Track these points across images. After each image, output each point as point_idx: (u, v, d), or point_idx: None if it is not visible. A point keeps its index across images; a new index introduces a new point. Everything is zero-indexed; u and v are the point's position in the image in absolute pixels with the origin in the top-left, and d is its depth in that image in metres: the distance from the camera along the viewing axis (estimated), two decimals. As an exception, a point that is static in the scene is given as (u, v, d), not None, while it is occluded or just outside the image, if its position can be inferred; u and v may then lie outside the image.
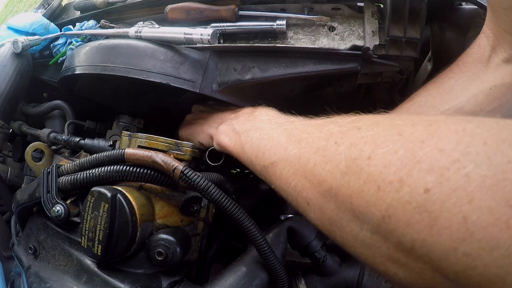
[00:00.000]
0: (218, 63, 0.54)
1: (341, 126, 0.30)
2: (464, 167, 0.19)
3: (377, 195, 0.22)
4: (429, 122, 0.23)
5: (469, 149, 0.19)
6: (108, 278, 0.42)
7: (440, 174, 0.19)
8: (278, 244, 0.48)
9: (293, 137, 0.35)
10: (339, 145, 0.28)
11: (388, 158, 0.23)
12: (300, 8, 0.55)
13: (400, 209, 0.21)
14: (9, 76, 0.61)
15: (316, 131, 0.33)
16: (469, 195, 0.18)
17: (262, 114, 0.48)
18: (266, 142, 0.39)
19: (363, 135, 0.26)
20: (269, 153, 0.38)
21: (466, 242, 0.18)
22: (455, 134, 0.21)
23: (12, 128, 0.68)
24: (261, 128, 0.43)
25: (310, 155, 0.31)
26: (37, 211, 0.52)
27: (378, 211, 0.22)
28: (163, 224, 0.47)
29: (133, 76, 0.51)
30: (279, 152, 0.36)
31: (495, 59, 0.46)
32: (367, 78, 0.58)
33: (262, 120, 0.46)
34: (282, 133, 0.38)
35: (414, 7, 0.47)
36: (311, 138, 0.32)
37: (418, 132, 0.22)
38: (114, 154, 0.45)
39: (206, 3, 0.57)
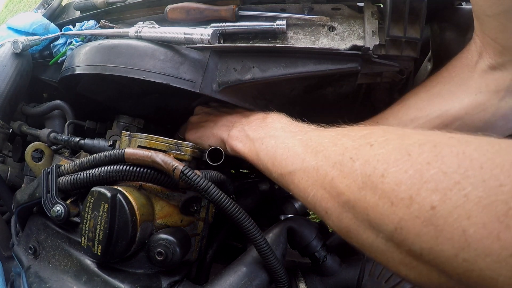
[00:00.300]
0: (218, 63, 0.54)
1: (354, 141, 0.33)
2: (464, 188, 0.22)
3: (391, 209, 0.26)
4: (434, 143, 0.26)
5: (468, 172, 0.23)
6: (108, 278, 0.42)
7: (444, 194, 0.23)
8: (278, 244, 0.48)
9: (309, 148, 0.38)
10: (354, 161, 0.31)
11: (399, 177, 0.26)
12: (300, 8, 0.55)
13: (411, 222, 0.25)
14: (9, 76, 0.61)
15: (331, 144, 0.36)
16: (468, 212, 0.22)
17: (275, 122, 0.49)
18: (282, 151, 0.41)
19: (376, 153, 0.29)
20: (286, 162, 0.40)
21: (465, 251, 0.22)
22: (456, 157, 0.24)
23: (12, 128, 0.68)
24: (276, 136, 0.45)
25: (327, 168, 0.34)
26: (37, 211, 0.52)
27: (391, 223, 0.26)
28: (163, 224, 0.47)
29: (133, 76, 0.51)
30: (296, 162, 0.39)
31: (481, 65, 0.48)
32: (367, 78, 0.58)
33: (275, 128, 0.47)
34: (298, 143, 0.40)
35: (414, 7, 0.47)
36: (327, 151, 0.35)
37: (425, 154, 0.26)
38: (114, 154, 0.45)
39: (206, 3, 0.57)
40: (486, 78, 0.48)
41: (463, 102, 0.49)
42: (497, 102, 0.47)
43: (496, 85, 0.47)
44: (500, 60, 0.46)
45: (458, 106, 0.49)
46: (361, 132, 0.34)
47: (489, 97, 0.48)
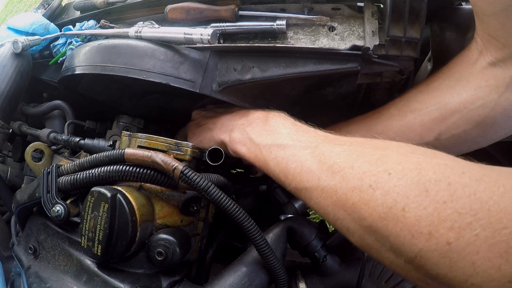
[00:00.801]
0: (218, 63, 0.54)
1: (371, 165, 0.35)
2: (475, 229, 0.27)
3: (411, 240, 0.30)
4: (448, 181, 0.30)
5: (479, 215, 0.27)
6: (108, 278, 0.42)
7: (459, 233, 0.27)
8: (278, 244, 0.48)
9: (324, 165, 0.39)
10: (375, 190, 0.33)
11: (419, 213, 0.30)
12: (300, 8, 0.55)
13: (429, 253, 0.29)
14: (9, 76, 0.61)
15: (347, 166, 0.37)
16: (477, 249, 0.26)
17: (279, 126, 0.48)
18: (295, 165, 0.42)
19: (395, 184, 0.32)
20: (300, 177, 0.41)
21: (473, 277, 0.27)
22: (469, 198, 0.28)
23: (12, 128, 0.68)
24: (284, 146, 0.45)
25: (347, 192, 0.36)
26: (37, 211, 0.52)
27: (412, 251, 0.30)
28: (163, 224, 0.47)
29: (133, 76, 0.51)
30: (312, 180, 0.40)
31: (482, 62, 0.49)
32: (367, 78, 0.58)
33: (281, 135, 0.46)
34: (310, 158, 0.41)
35: (414, 7, 0.47)
36: (344, 173, 0.37)
37: (441, 192, 0.30)
38: (114, 154, 0.45)
39: (206, 3, 0.57)
40: (486, 74, 0.48)
41: (462, 96, 0.50)
42: (496, 97, 0.48)
43: (496, 81, 0.48)
44: (500, 56, 0.47)
45: (457, 100, 0.50)
46: (376, 153, 0.36)
47: (488, 92, 0.48)
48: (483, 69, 0.48)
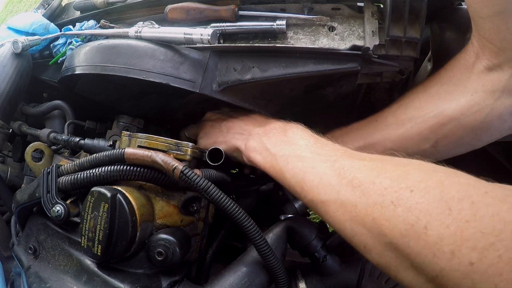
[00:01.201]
0: (218, 63, 0.54)
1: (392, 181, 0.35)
2: (498, 249, 0.26)
3: (433, 259, 0.29)
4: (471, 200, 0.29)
5: (502, 235, 0.26)
6: (108, 278, 0.42)
7: (481, 253, 0.27)
8: (278, 244, 0.48)
9: (343, 180, 0.38)
10: (396, 207, 0.33)
11: (442, 231, 0.29)
12: (300, 8, 0.55)
13: (451, 273, 0.28)
14: (9, 76, 0.61)
15: (368, 181, 0.36)
16: (499, 270, 0.26)
17: (297, 137, 0.48)
18: (313, 177, 0.41)
19: (417, 201, 0.32)
20: (318, 190, 0.40)
21: None
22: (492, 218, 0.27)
23: (12, 128, 0.68)
24: (303, 158, 0.44)
25: (367, 207, 0.35)
26: (37, 211, 0.52)
27: (433, 271, 0.29)
28: (163, 224, 0.47)
29: (132, 76, 0.51)
30: (330, 193, 0.39)
31: (478, 67, 0.48)
32: (367, 78, 0.58)
33: (300, 146, 0.46)
34: (330, 171, 0.40)
35: (414, 7, 0.47)
36: (365, 188, 0.36)
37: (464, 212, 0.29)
38: (114, 154, 0.45)
39: (206, 3, 0.57)
40: (483, 79, 0.48)
41: (459, 102, 0.49)
42: (492, 102, 0.48)
43: (492, 85, 0.47)
44: (496, 61, 0.46)
45: (454, 106, 0.50)
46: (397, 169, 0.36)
47: (484, 97, 0.48)
48: (480, 73, 0.48)
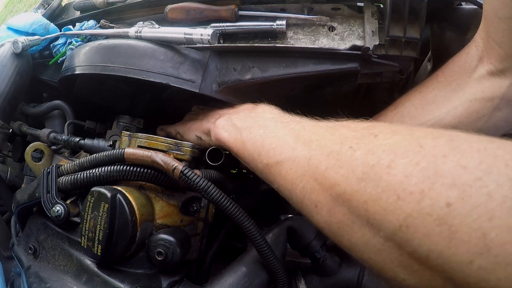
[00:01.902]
0: (218, 63, 0.54)
1: (356, 131, 0.30)
2: (486, 185, 0.20)
3: (396, 204, 0.23)
4: (450, 137, 0.24)
5: (492, 169, 0.20)
6: (108, 278, 0.42)
7: (463, 191, 0.21)
8: (278, 244, 0.48)
9: (301, 138, 0.35)
10: (355, 150, 0.28)
11: (409, 169, 0.23)
12: (300, 8, 0.55)
13: (420, 220, 0.22)
14: (9, 76, 0.61)
15: (327, 133, 0.32)
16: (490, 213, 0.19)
17: (265, 112, 0.47)
18: (271, 140, 0.38)
19: (381, 143, 0.26)
20: (274, 151, 0.37)
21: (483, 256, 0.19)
22: (477, 152, 0.22)
23: (12, 128, 0.68)
24: (265, 126, 0.41)
25: (322, 157, 0.31)
26: (37, 211, 0.52)
27: (396, 220, 0.23)
28: (163, 224, 0.47)
29: (132, 76, 0.51)
30: (285, 151, 0.35)
31: (480, 70, 0.47)
32: (367, 78, 0.58)
33: (265, 118, 0.44)
34: (289, 133, 0.37)
35: (414, 7, 0.47)
36: (322, 141, 0.32)
37: (440, 146, 0.23)
38: (114, 154, 0.45)
39: (206, 3, 0.57)
40: (483, 84, 0.47)
41: (457, 110, 0.48)
42: (490, 110, 0.47)
43: (491, 92, 0.46)
44: (501, 66, 0.45)
45: (452, 114, 0.48)
46: (363, 124, 0.32)
47: (483, 105, 0.47)
48: (481, 78, 0.47)
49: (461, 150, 0.22)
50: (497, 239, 0.19)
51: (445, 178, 0.21)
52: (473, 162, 0.21)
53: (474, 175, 0.21)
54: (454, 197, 0.21)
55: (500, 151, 0.21)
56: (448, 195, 0.21)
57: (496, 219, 0.19)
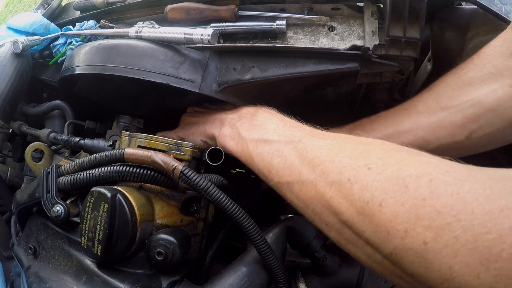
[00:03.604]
0: (218, 63, 0.54)
1: (352, 159, 0.34)
2: (454, 230, 0.25)
3: (387, 237, 0.29)
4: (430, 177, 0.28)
5: (460, 215, 0.25)
6: (108, 278, 0.42)
7: (436, 233, 0.26)
8: (278, 244, 0.48)
9: (305, 159, 0.39)
10: (353, 184, 0.32)
11: (396, 209, 0.29)
12: (299, 8, 0.55)
13: (404, 252, 0.28)
14: (9, 76, 0.61)
15: (328, 159, 0.37)
16: (455, 252, 0.25)
17: (266, 121, 0.48)
18: (279, 160, 0.42)
19: (374, 179, 0.31)
20: (283, 172, 0.41)
21: (450, 281, 0.26)
22: (451, 197, 0.26)
23: (12, 128, 0.68)
24: (270, 141, 0.45)
25: (326, 186, 0.35)
26: (37, 211, 0.52)
27: (387, 248, 0.29)
28: (163, 224, 0.47)
29: (132, 76, 0.51)
30: (293, 174, 0.39)
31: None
32: (367, 78, 0.58)
33: (268, 130, 0.46)
34: (294, 152, 0.41)
35: (413, 7, 0.47)
36: (324, 167, 0.36)
37: (421, 189, 0.28)
38: (113, 154, 0.45)
39: (206, 3, 0.57)
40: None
41: (497, 93, 0.46)
42: None
43: None
44: None
45: (492, 97, 0.47)
46: (358, 148, 0.36)
47: None
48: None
49: (438, 194, 0.27)
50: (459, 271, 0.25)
51: (423, 221, 0.27)
52: (446, 207, 0.26)
53: (446, 220, 0.26)
54: (430, 237, 0.26)
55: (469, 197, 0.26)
56: (425, 235, 0.26)
57: (459, 256, 0.25)
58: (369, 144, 0.36)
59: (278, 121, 0.48)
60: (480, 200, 0.25)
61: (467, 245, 0.24)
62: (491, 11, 0.51)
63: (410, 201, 0.28)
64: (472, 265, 0.24)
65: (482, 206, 0.25)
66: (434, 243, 0.26)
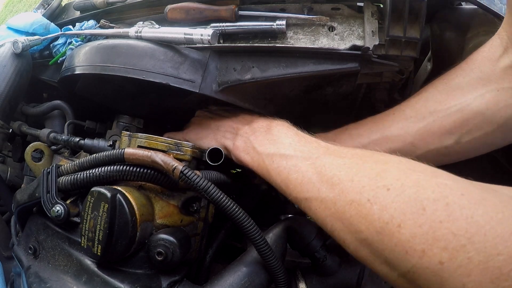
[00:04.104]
0: (218, 63, 0.54)
1: (370, 179, 0.36)
2: (468, 251, 0.27)
3: (405, 256, 0.31)
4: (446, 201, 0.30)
5: (474, 238, 0.27)
6: (108, 278, 0.42)
7: (452, 253, 0.28)
8: (278, 244, 0.48)
9: (324, 177, 0.40)
10: (372, 205, 0.34)
11: (414, 230, 0.30)
12: (299, 8, 0.55)
13: (421, 270, 0.30)
14: (9, 76, 0.61)
15: (346, 178, 0.38)
16: (468, 272, 0.27)
17: (281, 135, 0.49)
18: (296, 175, 0.42)
19: (393, 200, 0.33)
20: (301, 188, 0.42)
21: None
22: (465, 221, 0.28)
23: (12, 128, 0.68)
24: (287, 156, 0.45)
25: (345, 205, 0.36)
26: (37, 211, 0.52)
27: (405, 267, 0.31)
28: (163, 224, 0.47)
29: (132, 76, 0.51)
30: (312, 190, 0.40)
31: (505, 60, 0.46)
32: (367, 78, 0.58)
33: (284, 145, 0.47)
34: (311, 169, 0.41)
35: (413, 7, 0.47)
36: (343, 186, 0.37)
37: (438, 212, 0.30)
38: (113, 154, 0.45)
39: (206, 3, 0.57)
40: (509, 74, 0.46)
41: (484, 97, 0.47)
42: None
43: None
44: None
45: (479, 101, 0.47)
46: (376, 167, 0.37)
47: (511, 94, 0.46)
48: (507, 68, 0.46)
49: (453, 217, 0.29)
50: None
51: (440, 242, 0.29)
52: (461, 230, 0.28)
53: (461, 242, 0.28)
54: (446, 257, 0.28)
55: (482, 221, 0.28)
56: (442, 256, 0.28)
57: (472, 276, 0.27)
58: (387, 163, 0.37)
59: (293, 135, 0.48)
60: (492, 224, 0.27)
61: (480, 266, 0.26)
62: (491, 11, 0.51)
63: (428, 223, 0.30)
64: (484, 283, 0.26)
65: (494, 229, 0.27)
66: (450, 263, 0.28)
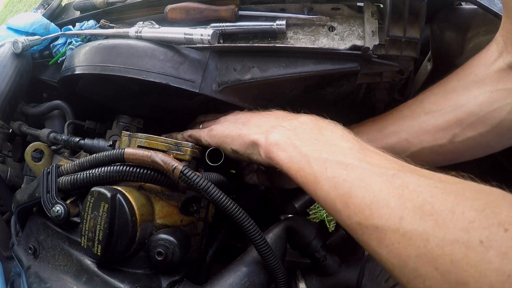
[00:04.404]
0: (218, 63, 0.54)
1: (479, 213, 0.27)
2: None
3: None
4: None
5: None
6: (108, 278, 0.42)
7: None
8: (278, 244, 0.48)
9: (408, 202, 0.31)
10: (487, 250, 0.26)
11: None
12: (299, 8, 0.55)
13: None
14: (9, 76, 0.61)
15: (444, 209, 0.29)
16: None
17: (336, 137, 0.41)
18: (363, 193, 0.33)
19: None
20: (370, 211, 0.32)
21: None
22: None
23: (12, 128, 0.68)
24: (348, 165, 0.36)
25: (444, 245, 0.27)
26: (37, 211, 0.52)
27: None
28: (163, 224, 0.47)
29: (132, 76, 0.51)
30: (389, 218, 0.31)
31: (500, 63, 0.47)
32: (367, 78, 0.58)
33: (342, 149, 0.38)
34: (387, 189, 0.32)
35: (413, 7, 0.47)
36: (440, 218, 0.28)
37: None
38: (113, 154, 0.45)
39: (206, 3, 0.57)
40: (504, 77, 0.46)
41: (478, 99, 0.48)
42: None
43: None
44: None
45: (473, 102, 0.48)
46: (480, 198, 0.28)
47: (506, 95, 0.46)
48: (501, 71, 0.46)
49: None
50: None
51: None
52: None
53: None
54: None
55: None
56: None
57: None
58: (492, 194, 0.29)
59: (353, 139, 0.40)
60: None
61: None
62: (491, 11, 0.51)
63: None
64: None
65: None
66: None
